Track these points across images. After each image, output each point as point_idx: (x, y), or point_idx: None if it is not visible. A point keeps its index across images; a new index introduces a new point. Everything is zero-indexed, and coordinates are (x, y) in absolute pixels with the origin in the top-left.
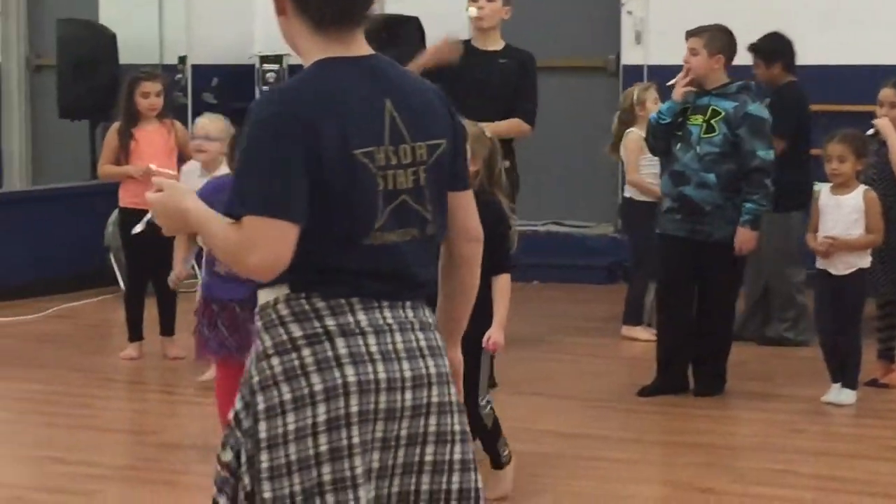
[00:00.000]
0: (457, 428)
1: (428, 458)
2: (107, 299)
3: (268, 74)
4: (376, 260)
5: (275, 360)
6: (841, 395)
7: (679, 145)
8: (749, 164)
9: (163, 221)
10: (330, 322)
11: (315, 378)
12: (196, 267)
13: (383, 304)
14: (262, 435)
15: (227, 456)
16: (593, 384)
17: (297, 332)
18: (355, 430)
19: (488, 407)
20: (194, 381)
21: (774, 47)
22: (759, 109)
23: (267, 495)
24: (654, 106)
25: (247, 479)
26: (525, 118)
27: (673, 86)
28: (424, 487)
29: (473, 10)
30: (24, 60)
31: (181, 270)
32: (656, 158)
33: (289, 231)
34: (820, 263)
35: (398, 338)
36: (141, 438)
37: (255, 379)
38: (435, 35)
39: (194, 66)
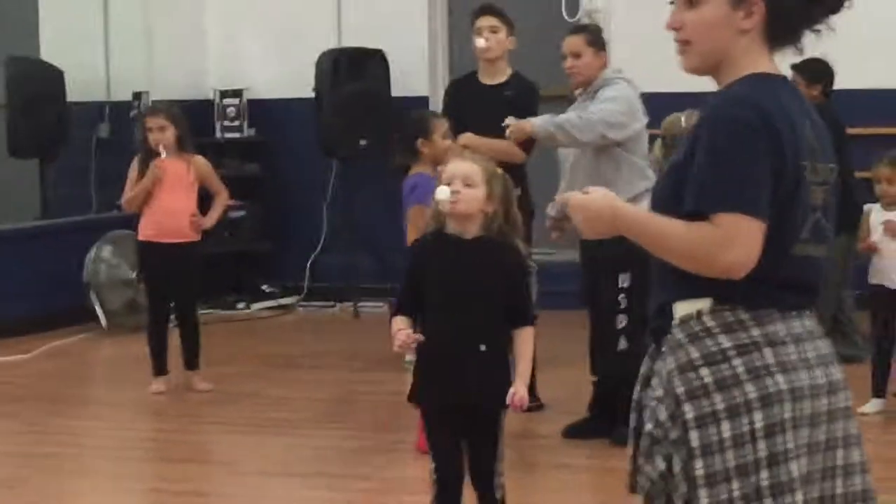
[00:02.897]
0: (856, 431)
1: (839, 462)
2: (88, 337)
3: (228, 109)
4: (798, 271)
5: (704, 371)
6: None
7: None
8: None
9: (589, 224)
10: (756, 332)
11: (749, 387)
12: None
13: (793, 313)
14: (695, 444)
15: (658, 466)
16: None
17: (726, 342)
18: (790, 436)
19: (501, 490)
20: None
21: (819, 69)
22: None
23: (704, 501)
24: None
25: (683, 487)
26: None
27: None
28: (839, 491)
29: (480, 42)
30: None
31: None
32: None
33: (761, 231)
34: (874, 279)
35: (809, 346)
36: (234, 468)
37: (681, 389)
38: (399, 68)
39: (153, 102)
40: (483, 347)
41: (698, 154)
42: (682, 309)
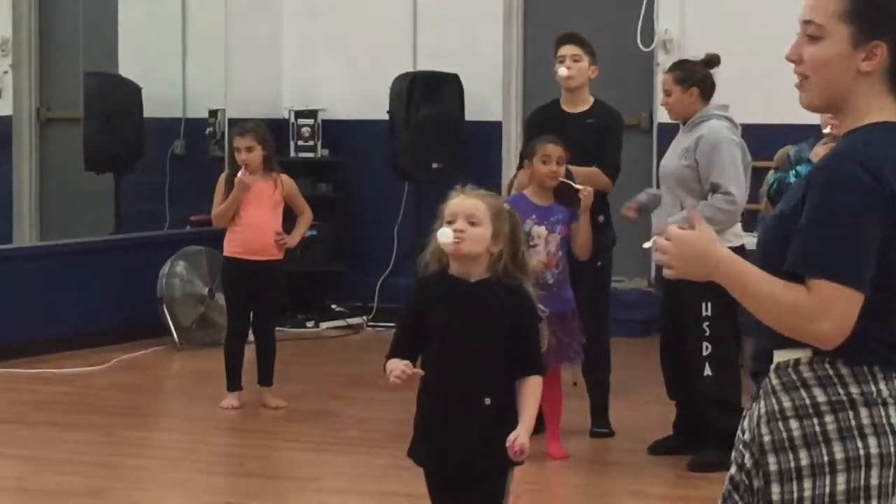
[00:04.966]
0: None
1: None
2: (160, 351)
3: (302, 129)
4: None
5: (793, 424)
6: None
7: None
8: None
9: (678, 262)
10: (854, 390)
11: (837, 447)
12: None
13: None
14: (775, 498)
15: None
16: None
17: (820, 396)
18: (874, 503)
19: None
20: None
21: None
22: None
23: None
24: None
25: None
26: (603, 169)
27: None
28: None
29: (563, 70)
30: (35, 113)
31: None
32: None
33: (859, 302)
34: None
35: None
36: (309, 485)
37: (767, 438)
38: (473, 93)
39: (230, 120)
40: (488, 401)
41: (806, 211)
42: (780, 356)
